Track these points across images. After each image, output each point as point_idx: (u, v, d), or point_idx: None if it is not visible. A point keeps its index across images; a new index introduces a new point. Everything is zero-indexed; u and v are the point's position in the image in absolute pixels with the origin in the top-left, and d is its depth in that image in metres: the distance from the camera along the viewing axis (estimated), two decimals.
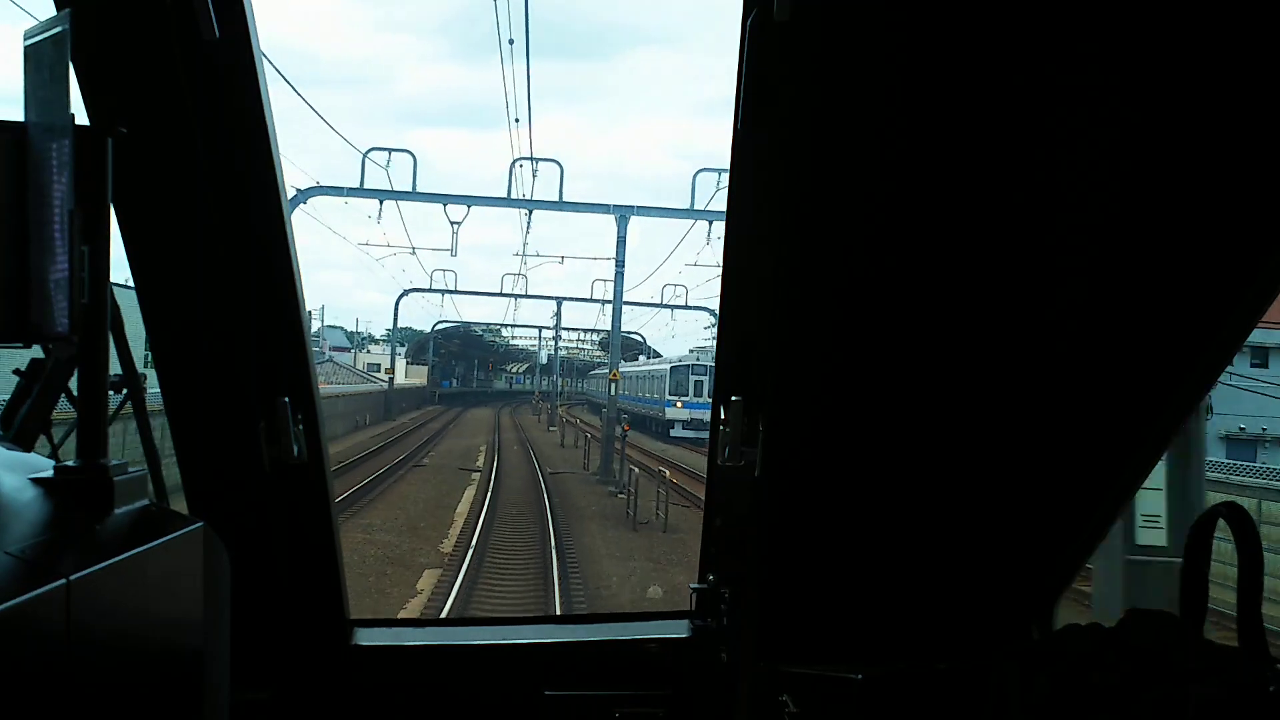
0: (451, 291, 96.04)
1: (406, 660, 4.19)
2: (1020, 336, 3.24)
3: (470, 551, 28.22)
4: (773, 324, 3.27)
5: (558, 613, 21.76)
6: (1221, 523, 2.87)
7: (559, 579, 25.53)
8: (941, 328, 3.24)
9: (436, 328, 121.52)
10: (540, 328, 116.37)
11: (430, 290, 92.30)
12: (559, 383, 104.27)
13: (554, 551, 28.47)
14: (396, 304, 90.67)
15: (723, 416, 3.61)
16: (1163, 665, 2.66)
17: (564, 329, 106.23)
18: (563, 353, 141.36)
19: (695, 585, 4.12)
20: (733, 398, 3.57)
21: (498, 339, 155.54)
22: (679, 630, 4.20)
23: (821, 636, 3.73)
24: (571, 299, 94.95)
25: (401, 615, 19.83)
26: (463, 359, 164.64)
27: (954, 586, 3.68)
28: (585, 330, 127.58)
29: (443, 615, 21.01)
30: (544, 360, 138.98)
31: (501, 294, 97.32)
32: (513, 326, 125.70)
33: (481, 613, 21.98)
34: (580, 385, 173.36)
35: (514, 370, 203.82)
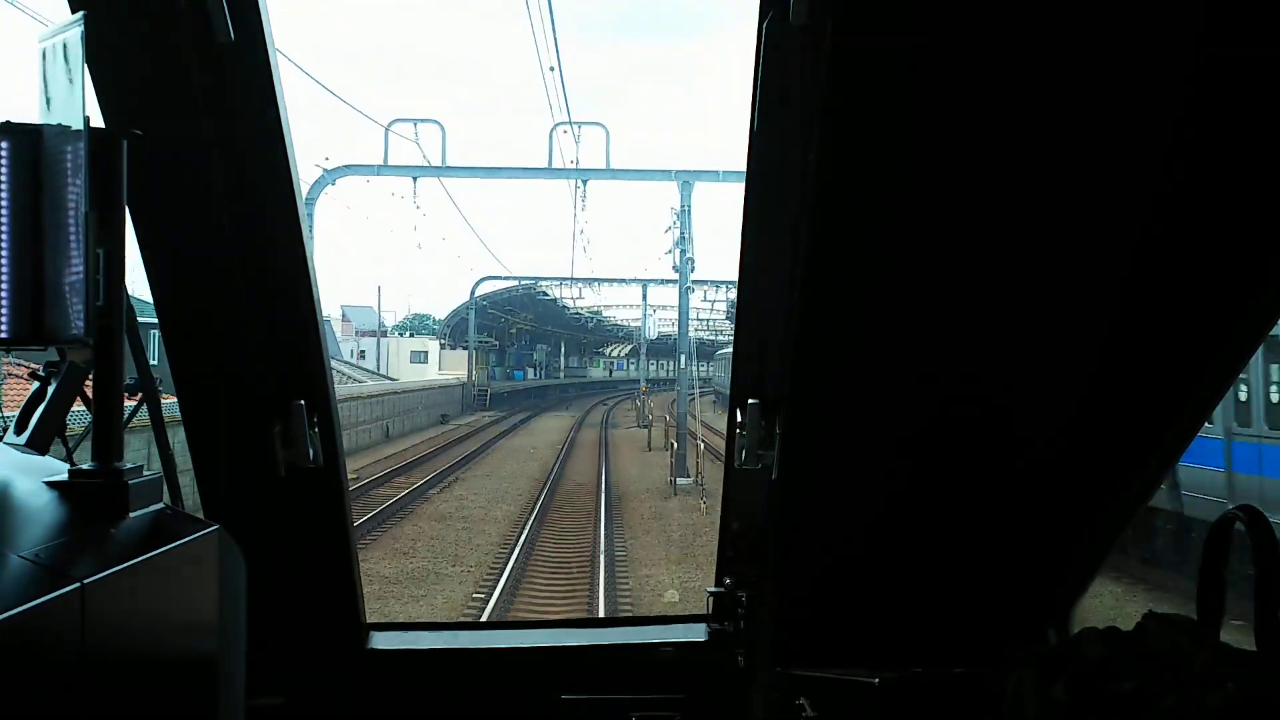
0: (433, 172, 41.68)
1: (422, 664, 4.18)
2: (1035, 341, 3.22)
3: None
4: (789, 327, 3.26)
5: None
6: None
7: None
8: (957, 331, 3.22)
9: (478, 291, 80.00)
10: (645, 281, 72.21)
11: (380, 171, 40.83)
12: (686, 365, 46.23)
13: None
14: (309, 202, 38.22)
15: (739, 419, 3.59)
16: (1179, 671, 2.65)
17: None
18: (668, 328, 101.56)
19: (712, 589, 4.11)
20: (749, 401, 3.56)
21: (582, 311, 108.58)
22: (696, 634, 4.19)
23: (838, 640, 3.72)
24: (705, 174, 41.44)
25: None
26: (546, 340, 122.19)
27: (971, 591, 3.66)
28: (716, 283, 73.22)
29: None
30: (652, 336, 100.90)
31: (551, 169, 40.96)
32: (599, 282, 76.92)
33: None
34: (699, 368, 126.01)
35: (614, 354, 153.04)
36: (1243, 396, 21.63)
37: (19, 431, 2.92)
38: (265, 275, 3.42)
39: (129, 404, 2.98)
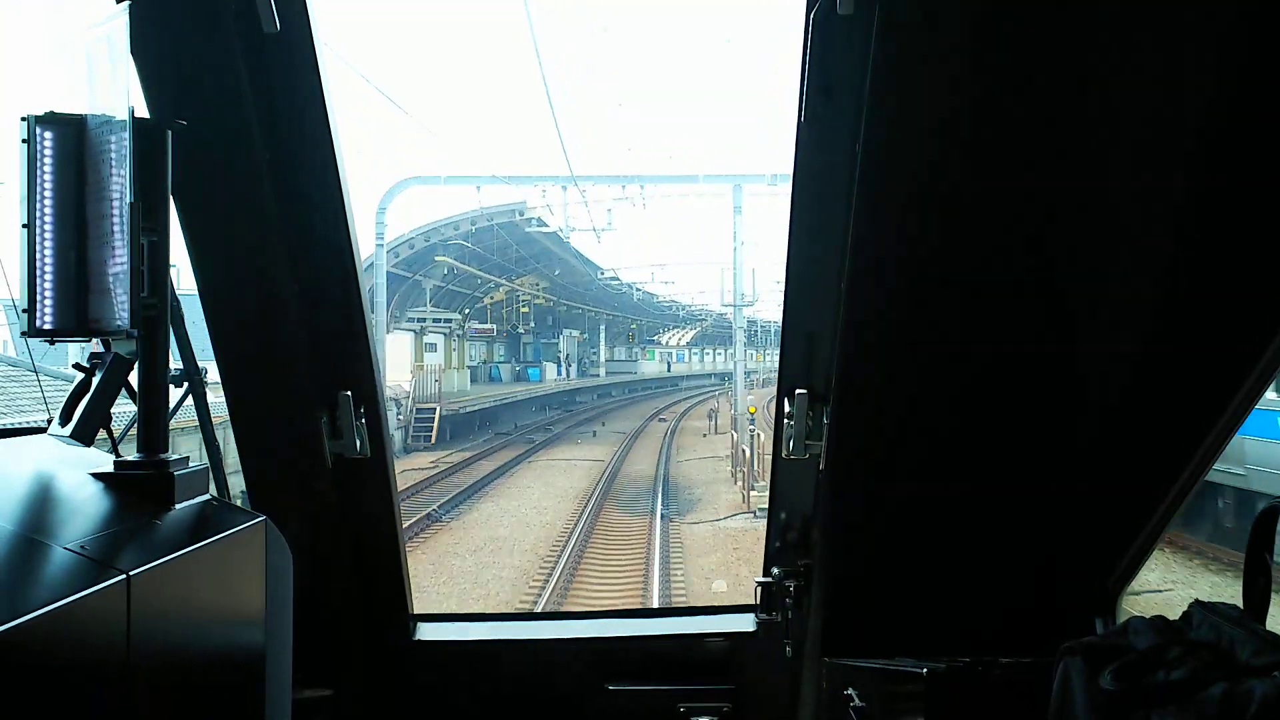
0: None
1: (469, 655, 4.18)
2: (1082, 332, 3.19)
3: None
4: (837, 318, 3.24)
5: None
6: None
7: None
8: (1004, 322, 3.19)
9: (398, 218, 46.32)
10: (736, 180, 37.56)
11: None
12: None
13: None
14: None
15: (787, 410, 3.57)
16: (1226, 660, 2.62)
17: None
18: (722, 311, 71.19)
19: (760, 579, 4.09)
20: (798, 391, 3.54)
21: (619, 279, 71.53)
22: (744, 624, 4.17)
23: (886, 631, 3.69)
24: None
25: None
26: (577, 323, 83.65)
27: (1017, 581, 3.62)
28: None
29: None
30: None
31: None
32: (639, 184, 40.90)
33: None
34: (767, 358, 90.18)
35: (672, 341, 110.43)
36: None
37: (64, 423, 2.93)
38: (311, 265, 3.41)
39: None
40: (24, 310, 2.30)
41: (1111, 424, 3.32)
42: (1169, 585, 16.32)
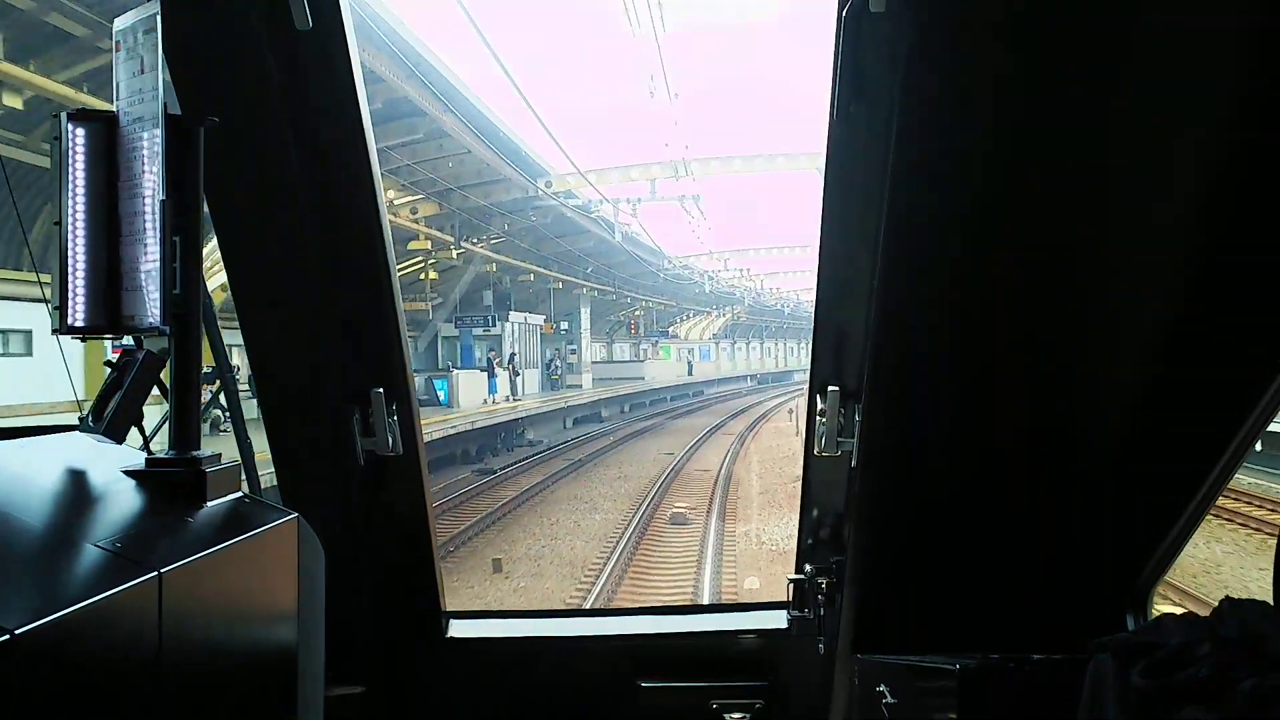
0: None
1: (501, 652, 4.18)
2: (1113, 327, 3.16)
3: None
4: (869, 315, 3.23)
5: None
6: None
7: None
8: (1035, 318, 3.18)
9: None
10: None
11: None
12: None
13: None
14: None
15: (819, 407, 3.56)
16: (1256, 655, 2.59)
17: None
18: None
19: (791, 576, 4.08)
20: (830, 388, 3.53)
21: (567, 200, 43.38)
22: (775, 621, 4.16)
23: (918, 627, 3.68)
24: None
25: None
26: (537, 300, 54.95)
27: (1049, 577, 3.60)
28: None
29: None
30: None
31: None
32: None
33: None
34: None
35: (693, 335, 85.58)
36: None
37: (95, 420, 2.93)
38: (343, 262, 3.42)
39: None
40: (55, 308, 2.31)
41: (1143, 421, 3.29)
42: None
